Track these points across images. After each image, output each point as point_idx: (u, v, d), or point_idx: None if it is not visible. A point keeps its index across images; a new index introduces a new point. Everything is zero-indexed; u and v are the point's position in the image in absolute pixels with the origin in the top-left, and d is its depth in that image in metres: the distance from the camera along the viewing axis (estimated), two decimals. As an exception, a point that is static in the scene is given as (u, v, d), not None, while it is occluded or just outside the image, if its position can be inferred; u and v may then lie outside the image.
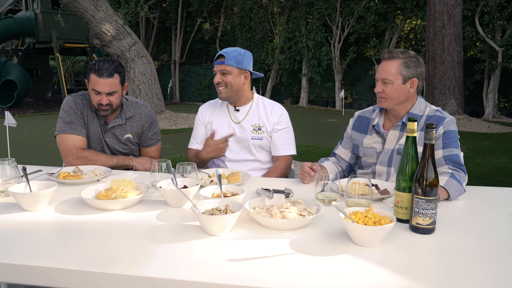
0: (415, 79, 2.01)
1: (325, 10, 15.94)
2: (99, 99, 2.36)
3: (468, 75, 12.81)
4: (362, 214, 1.35)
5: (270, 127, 2.49)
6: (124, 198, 1.63)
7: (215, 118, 2.57)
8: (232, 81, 2.40)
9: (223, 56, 2.38)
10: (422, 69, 2.04)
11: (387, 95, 2.04)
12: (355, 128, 2.29)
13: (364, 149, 2.21)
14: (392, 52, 2.03)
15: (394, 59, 2.02)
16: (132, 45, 10.77)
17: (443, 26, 10.81)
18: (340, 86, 16.53)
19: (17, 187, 1.66)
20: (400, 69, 2.00)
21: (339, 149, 2.37)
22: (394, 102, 2.05)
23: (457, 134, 2.01)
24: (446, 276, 1.09)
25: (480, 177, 5.45)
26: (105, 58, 2.40)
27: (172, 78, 22.78)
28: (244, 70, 2.43)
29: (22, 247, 1.27)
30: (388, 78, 2.01)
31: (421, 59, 2.05)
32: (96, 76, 2.32)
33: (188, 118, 12.10)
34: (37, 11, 17.28)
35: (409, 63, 2.00)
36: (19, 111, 14.87)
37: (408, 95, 2.03)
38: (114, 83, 2.36)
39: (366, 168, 2.23)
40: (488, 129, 10.27)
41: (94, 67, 2.33)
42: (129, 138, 2.57)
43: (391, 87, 2.01)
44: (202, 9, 21.12)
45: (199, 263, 1.17)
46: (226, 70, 2.38)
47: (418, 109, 2.06)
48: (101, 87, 2.33)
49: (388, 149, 2.11)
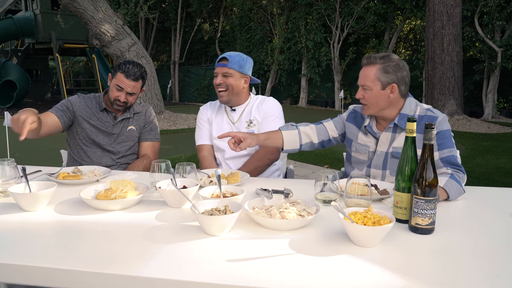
0: (395, 84, 1.95)
1: (324, 11, 15.94)
2: (119, 95, 2.55)
3: (467, 75, 12.82)
4: (362, 215, 1.35)
5: (260, 117, 2.55)
6: (124, 198, 1.63)
7: (215, 118, 2.64)
8: (233, 83, 2.46)
9: (226, 59, 2.44)
10: (404, 73, 1.97)
11: (367, 102, 2.00)
12: (350, 120, 2.24)
13: (357, 145, 2.17)
14: (371, 58, 1.98)
15: (373, 65, 1.97)
16: (131, 46, 10.77)
17: (442, 26, 10.82)
18: (339, 87, 16.53)
19: (17, 187, 1.66)
20: (378, 74, 1.95)
21: (329, 123, 2.27)
22: (376, 109, 2.02)
23: (451, 132, 1.98)
24: (445, 276, 1.09)
25: (479, 177, 5.45)
26: (134, 62, 2.59)
27: (171, 79, 22.78)
28: (245, 74, 2.49)
29: (21, 247, 1.27)
30: (366, 84, 1.98)
31: (403, 63, 1.99)
32: (123, 76, 2.52)
33: (187, 118, 12.09)
34: (36, 12, 17.26)
35: (387, 69, 1.94)
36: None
37: (389, 100, 1.98)
38: (137, 86, 2.59)
39: (357, 166, 2.19)
40: (487, 129, 10.27)
41: (124, 68, 2.53)
42: (132, 130, 2.71)
43: (370, 93, 1.98)
44: (201, 10, 21.12)
45: (199, 263, 1.17)
46: (229, 73, 2.44)
47: (408, 110, 2.02)
48: (124, 85, 2.53)
49: (381, 151, 2.08)
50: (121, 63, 2.57)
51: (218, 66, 2.48)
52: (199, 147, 2.65)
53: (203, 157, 2.60)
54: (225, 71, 2.44)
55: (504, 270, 1.13)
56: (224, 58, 2.45)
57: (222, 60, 2.46)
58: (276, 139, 2.14)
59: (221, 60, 2.47)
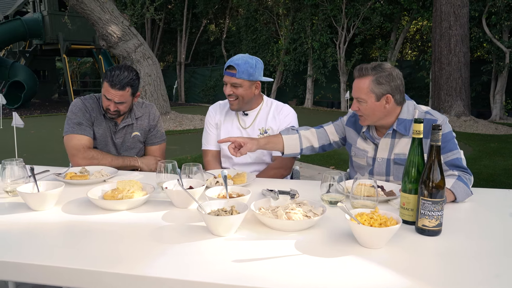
0: (389, 95, 1.91)
1: (330, 11, 15.92)
2: (108, 104, 2.41)
3: (474, 76, 12.75)
4: (368, 216, 1.35)
5: (276, 127, 2.48)
6: (130, 198, 1.64)
7: (224, 121, 2.57)
8: (243, 93, 2.36)
9: (234, 68, 2.31)
10: (398, 82, 1.92)
11: (364, 113, 1.97)
12: (349, 125, 2.21)
13: (356, 150, 2.15)
14: (363, 69, 1.93)
15: (365, 77, 1.92)
16: (138, 47, 10.82)
17: (449, 27, 10.78)
18: (345, 87, 16.50)
19: (25, 187, 1.68)
20: (371, 86, 1.90)
21: (330, 127, 2.27)
22: (373, 119, 1.98)
23: (453, 133, 1.94)
24: (451, 278, 1.09)
25: (487, 179, 5.41)
26: (123, 66, 2.41)
27: (177, 79, 22.85)
28: (255, 81, 2.39)
29: (29, 246, 1.28)
30: (360, 97, 1.93)
31: (396, 72, 1.93)
32: (108, 85, 2.35)
33: (193, 119, 12.12)
34: (44, 13, 17.40)
35: (380, 80, 1.89)
36: (26, 112, 14.98)
37: (386, 111, 1.94)
38: (125, 95, 2.39)
39: (359, 170, 2.18)
40: (495, 130, 10.20)
41: (109, 77, 2.35)
42: (137, 136, 2.61)
43: (365, 105, 1.93)
44: (207, 11, 21.18)
45: (205, 263, 1.17)
46: (237, 83, 2.33)
47: (406, 115, 1.97)
48: (111, 96, 2.37)
49: (382, 158, 2.04)
50: (108, 70, 2.39)
51: (226, 75, 2.35)
52: (205, 151, 2.61)
53: (207, 162, 2.57)
54: (233, 82, 2.32)
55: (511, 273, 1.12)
56: (231, 67, 2.32)
57: (230, 68, 2.32)
58: (277, 144, 2.14)
59: (228, 68, 2.34)
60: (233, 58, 2.35)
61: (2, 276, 1.22)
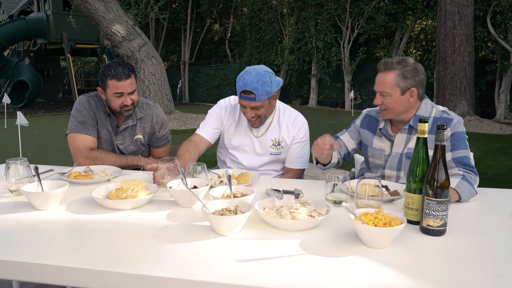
0: (414, 88, 1.94)
1: (334, 11, 15.90)
2: (122, 101, 2.36)
3: (479, 76, 12.69)
4: (372, 216, 1.34)
5: (289, 140, 2.42)
6: (135, 198, 1.64)
7: (236, 128, 2.47)
8: (265, 112, 2.30)
9: (252, 92, 2.19)
10: (422, 76, 1.96)
11: (387, 107, 1.99)
12: (364, 126, 2.24)
13: (373, 150, 2.17)
14: (388, 63, 1.96)
15: (390, 71, 1.95)
16: (142, 46, 10.85)
17: (454, 26, 10.72)
18: (349, 87, 16.47)
19: (29, 186, 1.68)
20: (397, 81, 1.93)
21: (345, 136, 2.29)
22: (396, 113, 2.01)
23: (465, 135, 1.97)
24: (456, 278, 1.08)
25: (491, 178, 5.39)
26: (117, 61, 2.38)
27: (181, 79, 22.90)
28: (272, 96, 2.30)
29: (33, 245, 1.29)
30: (385, 91, 1.96)
31: (420, 66, 1.97)
32: (115, 80, 2.32)
33: (197, 118, 12.14)
34: (48, 12, 17.47)
35: (406, 74, 1.92)
36: (30, 111, 15.04)
37: (409, 104, 1.98)
38: (133, 82, 2.38)
39: (374, 170, 2.20)
40: (500, 130, 10.14)
41: (111, 73, 2.32)
42: (139, 139, 2.57)
43: (390, 99, 1.96)
44: (211, 10, 21.21)
45: (209, 263, 1.17)
46: (258, 106, 2.24)
47: (424, 112, 2.01)
48: (123, 89, 2.34)
49: (396, 152, 2.07)
50: (105, 69, 2.34)
51: (244, 99, 2.23)
52: (195, 134, 2.48)
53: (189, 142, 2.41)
54: (253, 105, 2.23)
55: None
56: (249, 92, 2.19)
57: (246, 93, 2.21)
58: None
59: (244, 92, 2.21)
60: (247, 81, 2.19)
61: (7, 275, 1.22)
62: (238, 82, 2.24)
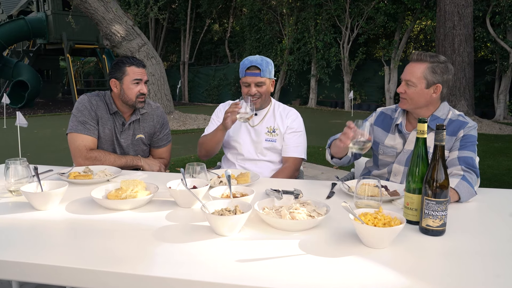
0: (440, 85, 1.97)
1: (334, 11, 15.90)
2: (140, 88, 2.46)
3: (478, 76, 12.70)
4: (372, 216, 1.34)
5: (283, 129, 2.54)
6: (134, 198, 1.64)
7: None
8: (266, 91, 2.48)
9: (258, 68, 2.40)
10: (450, 76, 1.99)
11: (408, 97, 2.01)
12: (377, 124, 2.25)
13: (384, 148, 2.19)
14: (421, 55, 1.99)
15: (422, 62, 1.98)
16: (141, 46, 10.85)
17: (453, 26, 10.73)
18: (349, 87, 16.48)
19: (29, 186, 1.68)
20: (426, 73, 1.96)
21: None
22: (414, 105, 2.03)
23: (476, 140, 2.01)
24: (455, 278, 1.08)
25: (490, 179, 5.39)
26: (125, 56, 2.51)
27: (181, 79, 22.90)
28: (273, 78, 2.52)
29: (33, 245, 1.29)
30: (411, 80, 1.98)
31: (451, 66, 2.00)
32: (135, 67, 2.44)
33: (197, 118, 12.14)
34: (48, 13, 17.47)
35: (436, 69, 1.96)
36: (29, 112, 15.04)
37: (430, 100, 2.00)
38: (146, 72, 2.52)
39: (382, 167, 2.21)
40: (499, 130, 10.15)
41: (130, 60, 2.45)
42: (141, 139, 2.59)
43: (413, 89, 1.99)
44: (211, 10, 21.20)
45: (208, 263, 1.17)
46: (262, 82, 2.43)
47: (441, 113, 2.04)
48: (141, 75, 2.45)
49: (407, 149, 2.10)
50: (122, 58, 2.46)
51: (249, 76, 2.43)
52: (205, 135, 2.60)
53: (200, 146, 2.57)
54: (258, 81, 2.42)
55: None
56: (254, 67, 2.41)
57: (252, 69, 2.42)
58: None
59: (249, 68, 2.42)
60: (251, 59, 2.44)
61: (6, 276, 1.22)
62: (243, 63, 2.46)
